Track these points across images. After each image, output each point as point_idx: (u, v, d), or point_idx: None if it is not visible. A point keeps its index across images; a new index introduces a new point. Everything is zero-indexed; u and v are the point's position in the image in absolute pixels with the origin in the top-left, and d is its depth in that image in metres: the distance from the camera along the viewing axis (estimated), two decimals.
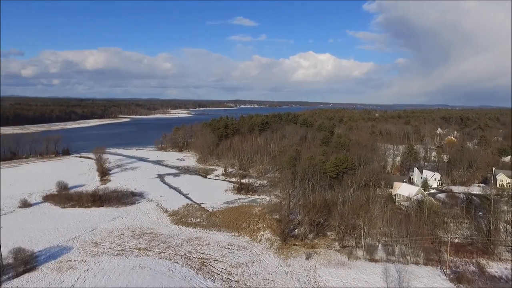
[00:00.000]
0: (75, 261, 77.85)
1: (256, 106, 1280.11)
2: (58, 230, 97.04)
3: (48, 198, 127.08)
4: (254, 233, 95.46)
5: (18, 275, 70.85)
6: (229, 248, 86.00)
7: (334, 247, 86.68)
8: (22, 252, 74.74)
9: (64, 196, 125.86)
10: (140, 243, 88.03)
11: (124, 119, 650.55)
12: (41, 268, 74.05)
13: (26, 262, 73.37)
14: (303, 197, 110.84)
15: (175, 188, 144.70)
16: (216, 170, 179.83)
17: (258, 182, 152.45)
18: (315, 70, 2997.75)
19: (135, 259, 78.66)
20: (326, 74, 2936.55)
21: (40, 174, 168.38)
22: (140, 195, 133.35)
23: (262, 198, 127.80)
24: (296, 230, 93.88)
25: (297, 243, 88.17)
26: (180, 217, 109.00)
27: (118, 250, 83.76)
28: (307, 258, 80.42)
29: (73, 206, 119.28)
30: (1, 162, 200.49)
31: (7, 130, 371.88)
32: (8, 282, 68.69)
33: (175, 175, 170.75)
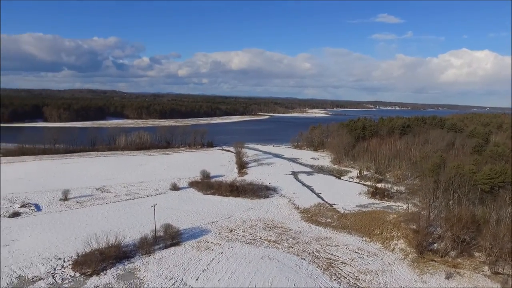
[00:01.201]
0: (211, 243, 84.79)
1: (397, 108, 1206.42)
2: (199, 213, 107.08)
3: (193, 184, 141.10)
4: (387, 241, 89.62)
5: (166, 247, 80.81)
6: (358, 253, 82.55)
7: (483, 271, 75.45)
8: (171, 228, 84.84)
9: (206, 184, 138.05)
10: (270, 235, 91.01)
11: (263, 116, 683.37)
12: (184, 244, 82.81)
13: (173, 237, 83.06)
14: (446, 209, 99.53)
15: (307, 186, 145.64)
16: (350, 172, 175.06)
17: (395, 188, 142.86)
18: (469, 70, 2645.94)
19: (265, 250, 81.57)
20: (483, 74, 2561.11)
21: (187, 162, 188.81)
22: (274, 189, 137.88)
23: (398, 206, 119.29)
24: (435, 245, 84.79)
25: (435, 259, 79.57)
26: (310, 215, 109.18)
27: (250, 239, 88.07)
28: (447, 278, 71.89)
29: (213, 193, 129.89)
30: (156, 150, 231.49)
31: (164, 122, 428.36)
32: (159, 251, 78.91)
33: (308, 173, 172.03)
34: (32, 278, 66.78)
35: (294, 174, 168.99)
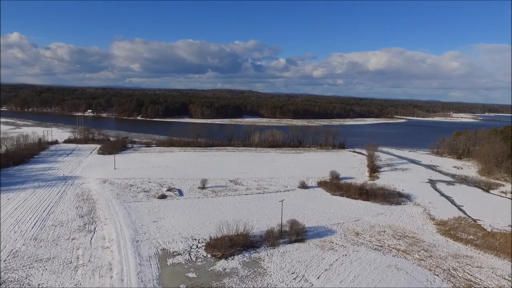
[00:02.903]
0: (336, 244, 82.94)
1: None
2: (326, 213, 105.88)
3: (321, 184, 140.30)
4: None
5: (291, 242, 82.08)
6: (509, 280, 70.69)
7: None
8: (296, 224, 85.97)
9: (335, 185, 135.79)
10: (399, 244, 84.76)
11: (400, 119, 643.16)
12: (308, 242, 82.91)
13: (298, 234, 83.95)
14: None
15: (447, 197, 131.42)
16: (503, 185, 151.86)
17: None
18: None
19: (392, 259, 76.25)
20: None
21: (317, 162, 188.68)
22: (407, 197, 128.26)
23: None
24: None
25: None
26: (448, 229, 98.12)
27: (377, 245, 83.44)
28: None
29: (341, 195, 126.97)
30: (288, 148, 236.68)
31: (297, 122, 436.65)
32: (284, 245, 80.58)
33: (449, 183, 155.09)
34: (173, 252, 75.29)
35: (432, 182, 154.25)
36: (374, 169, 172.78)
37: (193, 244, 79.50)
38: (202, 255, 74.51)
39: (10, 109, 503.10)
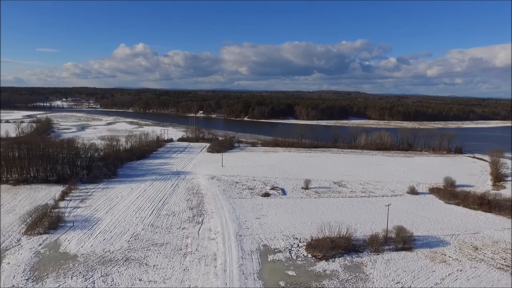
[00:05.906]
0: (449, 257, 75.19)
1: None
2: (438, 222, 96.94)
3: (433, 191, 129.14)
4: None
5: (396, 249, 77.18)
6: None
7: None
8: (403, 231, 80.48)
9: (450, 192, 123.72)
10: None
11: None
12: (416, 251, 76.85)
13: (405, 241, 78.47)
14: None
15: None
16: None
17: None
18: None
19: None
20: None
21: (429, 167, 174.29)
22: None
23: None
24: None
25: None
26: None
27: (502, 264, 73.36)
28: None
29: (457, 204, 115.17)
30: (396, 151, 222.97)
31: (407, 124, 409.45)
32: (388, 252, 76.03)
33: None
34: (274, 249, 76.42)
35: None
36: (498, 178, 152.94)
37: (294, 243, 79.56)
38: (303, 255, 74.10)
39: (134, 110, 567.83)
